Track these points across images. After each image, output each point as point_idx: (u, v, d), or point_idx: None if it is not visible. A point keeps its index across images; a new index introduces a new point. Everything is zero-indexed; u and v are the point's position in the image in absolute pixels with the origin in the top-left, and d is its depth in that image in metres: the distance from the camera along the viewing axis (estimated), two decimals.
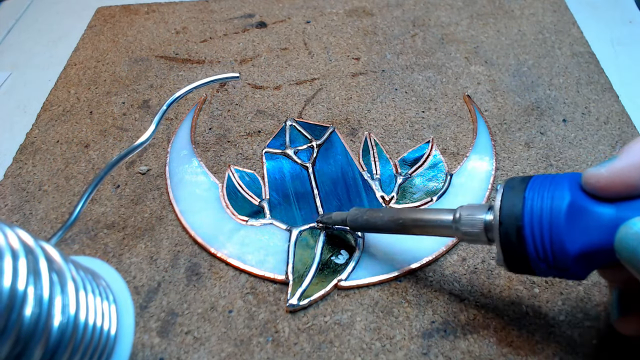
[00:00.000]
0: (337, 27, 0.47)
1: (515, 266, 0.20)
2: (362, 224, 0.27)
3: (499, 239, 0.20)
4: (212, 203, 0.33)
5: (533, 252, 0.19)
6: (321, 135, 0.36)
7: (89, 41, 0.48)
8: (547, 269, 0.19)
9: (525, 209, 0.19)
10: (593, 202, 0.18)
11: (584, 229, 0.18)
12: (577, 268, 0.18)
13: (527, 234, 0.19)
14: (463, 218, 0.22)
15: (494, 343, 0.25)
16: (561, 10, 0.46)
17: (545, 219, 0.18)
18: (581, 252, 0.18)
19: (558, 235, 0.18)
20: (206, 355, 0.26)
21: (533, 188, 0.19)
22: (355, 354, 0.25)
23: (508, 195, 0.20)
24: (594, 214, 0.18)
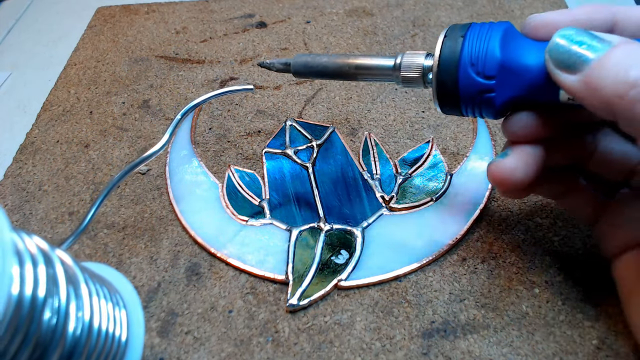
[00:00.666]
0: (337, 27, 0.47)
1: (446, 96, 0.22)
2: (303, 63, 0.27)
3: (437, 71, 0.21)
4: (212, 203, 0.33)
5: (467, 57, 0.21)
6: (321, 135, 0.37)
7: (89, 41, 0.48)
8: (474, 77, 0.20)
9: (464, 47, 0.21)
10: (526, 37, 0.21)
11: (515, 46, 0.20)
12: (500, 83, 0.20)
13: (465, 45, 0.21)
14: (404, 62, 0.23)
15: (494, 343, 0.25)
16: None
17: (484, 33, 0.21)
18: (508, 58, 0.20)
19: (493, 42, 0.20)
20: (206, 355, 0.26)
21: (472, 31, 0.21)
22: (355, 354, 0.25)
23: (451, 28, 0.22)
24: (526, 39, 0.21)
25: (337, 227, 0.30)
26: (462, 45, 0.21)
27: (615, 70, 0.17)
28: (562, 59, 0.19)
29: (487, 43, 0.20)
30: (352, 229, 0.30)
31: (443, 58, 0.21)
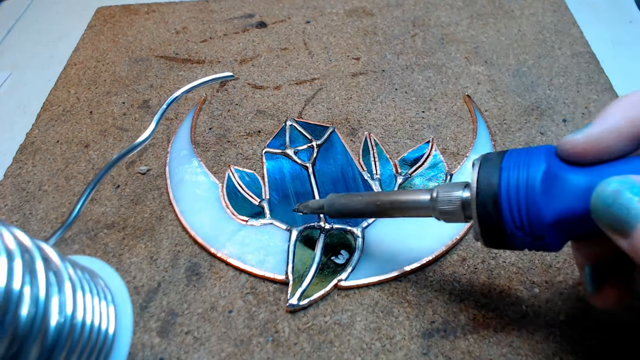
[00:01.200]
0: (337, 27, 0.47)
1: (493, 239, 0.20)
2: (339, 208, 0.26)
3: (476, 210, 0.20)
4: (212, 203, 0.33)
5: (510, 220, 0.19)
6: (321, 135, 0.37)
7: (89, 41, 0.48)
8: (523, 237, 0.19)
9: (501, 179, 0.19)
10: (569, 168, 0.18)
11: (559, 195, 0.18)
12: (553, 236, 0.18)
13: (503, 202, 0.19)
14: (440, 197, 0.22)
15: (494, 343, 0.25)
16: (561, 10, 0.46)
17: (521, 187, 0.18)
18: (557, 217, 0.18)
19: (534, 202, 0.18)
20: (206, 355, 0.26)
21: (509, 160, 0.19)
22: (355, 354, 0.25)
23: (484, 168, 0.20)
24: (569, 180, 0.18)
25: (337, 227, 0.30)
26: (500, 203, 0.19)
27: None
28: (607, 222, 0.17)
29: (528, 198, 0.18)
30: (352, 229, 0.30)
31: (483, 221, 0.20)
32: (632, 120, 0.18)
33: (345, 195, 0.26)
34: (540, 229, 0.18)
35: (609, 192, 0.16)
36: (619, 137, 0.18)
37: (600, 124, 0.18)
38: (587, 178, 0.18)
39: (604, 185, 0.17)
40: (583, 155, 0.18)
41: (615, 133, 0.18)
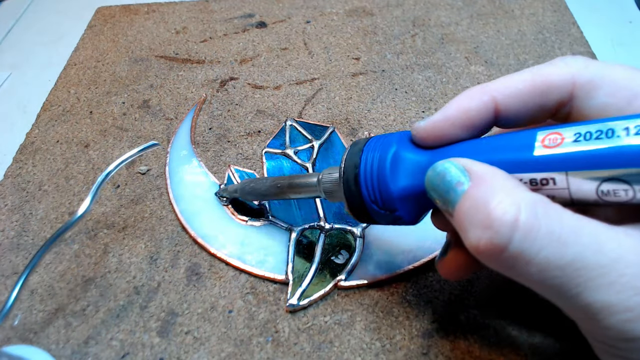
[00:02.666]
0: (337, 27, 0.47)
1: (358, 212, 0.22)
2: (249, 191, 0.29)
3: (342, 187, 0.22)
4: (212, 203, 0.33)
5: (367, 195, 0.21)
6: (321, 135, 0.37)
7: (89, 41, 0.48)
8: (379, 210, 0.21)
9: (361, 160, 0.21)
10: (415, 150, 0.21)
11: (404, 173, 0.20)
12: (403, 209, 0.21)
13: (361, 180, 0.21)
14: (323, 178, 0.25)
15: (494, 343, 0.25)
16: (561, 10, 0.46)
17: (374, 166, 0.21)
18: (402, 192, 0.20)
19: (384, 178, 0.20)
20: (206, 355, 0.26)
21: (370, 144, 0.22)
22: (355, 354, 0.25)
23: (351, 151, 0.22)
24: (412, 161, 0.20)
25: (337, 227, 0.30)
26: (359, 180, 0.21)
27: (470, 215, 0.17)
28: (437, 202, 0.19)
29: (379, 176, 0.21)
30: (352, 228, 0.30)
31: (347, 196, 0.22)
32: (466, 110, 0.20)
33: (255, 180, 0.30)
34: (390, 202, 0.21)
35: (435, 173, 0.18)
36: (453, 126, 0.20)
37: (440, 113, 0.20)
38: (425, 158, 0.20)
39: (433, 167, 0.19)
40: (425, 140, 0.20)
41: (449, 122, 0.20)
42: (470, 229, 0.16)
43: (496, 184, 0.16)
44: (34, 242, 0.32)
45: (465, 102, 0.20)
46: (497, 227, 0.15)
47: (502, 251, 0.15)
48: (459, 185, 0.17)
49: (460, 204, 0.17)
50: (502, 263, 0.16)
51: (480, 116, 0.20)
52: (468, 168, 0.18)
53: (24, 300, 0.29)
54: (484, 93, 0.20)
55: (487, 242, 0.16)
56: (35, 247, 0.31)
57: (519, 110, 0.20)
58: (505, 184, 0.16)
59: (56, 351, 0.26)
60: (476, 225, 0.16)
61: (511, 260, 0.16)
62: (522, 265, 0.16)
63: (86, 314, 0.28)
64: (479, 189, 0.17)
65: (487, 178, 0.17)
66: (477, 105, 0.20)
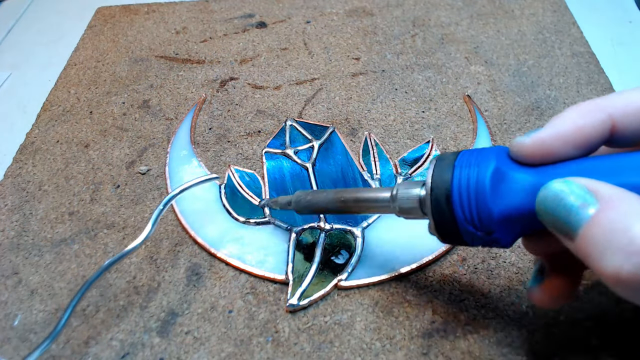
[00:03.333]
0: (337, 27, 0.47)
1: (447, 234, 0.21)
2: (305, 205, 0.27)
3: (430, 206, 0.21)
4: (212, 203, 0.33)
5: (461, 215, 0.19)
6: (321, 135, 0.37)
7: (89, 41, 0.48)
8: (474, 232, 0.20)
9: (454, 177, 0.20)
10: (517, 168, 0.19)
11: (507, 192, 0.19)
12: (502, 232, 0.19)
13: (455, 199, 0.19)
14: (399, 194, 0.23)
15: (494, 343, 0.25)
16: (561, 10, 0.46)
17: (471, 184, 0.19)
18: (504, 214, 0.19)
19: (483, 198, 0.19)
20: (206, 355, 0.26)
21: (462, 159, 0.20)
22: (355, 354, 0.25)
23: (439, 167, 0.21)
24: (516, 179, 0.19)
25: (337, 227, 0.30)
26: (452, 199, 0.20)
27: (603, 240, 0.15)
28: (552, 224, 0.17)
29: (478, 195, 0.19)
30: (352, 228, 0.30)
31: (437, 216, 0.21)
32: (580, 128, 0.18)
33: (312, 192, 0.27)
34: (489, 224, 0.19)
35: (552, 194, 0.17)
36: (565, 144, 0.18)
37: (549, 129, 0.19)
38: (533, 177, 0.18)
39: (547, 187, 0.17)
40: (530, 158, 0.19)
41: (561, 139, 0.18)
42: (606, 257, 0.15)
43: (632, 208, 0.15)
44: (34, 242, 0.32)
45: (579, 120, 0.18)
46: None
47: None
48: (583, 207, 0.16)
49: (587, 228, 0.16)
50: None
51: (596, 135, 0.18)
52: (593, 189, 0.16)
53: (24, 300, 0.29)
54: (600, 110, 0.18)
55: (632, 270, 0.14)
56: (35, 247, 0.31)
57: (637, 130, 0.18)
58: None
59: (56, 351, 0.26)
60: (614, 252, 0.15)
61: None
62: None
63: (86, 314, 0.28)
64: (611, 213, 0.15)
65: (619, 200, 0.15)
66: (593, 123, 0.18)
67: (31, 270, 0.30)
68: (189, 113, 0.39)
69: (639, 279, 0.14)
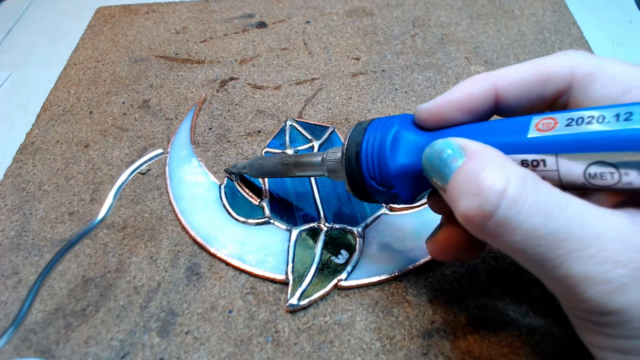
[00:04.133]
0: (337, 27, 0.47)
1: (357, 189, 0.23)
2: (257, 167, 0.30)
3: (344, 164, 0.23)
4: (212, 203, 0.33)
5: (366, 172, 0.22)
6: (321, 135, 0.37)
7: (89, 41, 0.48)
8: (377, 187, 0.22)
9: (364, 139, 0.22)
10: (415, 131, 0.22)
11: (404, 151, 0.21)
12: (401, 187, 0.22)
13: (362, 157, 0.22)
14: (327, 157, 0.25)
15: (494, 343, 0.25)
16: (561, 10, 0.46)
17: (376, 145, 0.22)
18: (399, 169, 0.21)
19: (383, 156, 0.21)
20: (206, 355, 0.26)
21: (373, 124, 0.23)
22: (355, 354, 0.25)
23: (355, 130, 0.23)
24: (412, 140, 0.21)
25: (337, 227, 0.30)
26: (360, 157, 0.22)
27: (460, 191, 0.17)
28: (432, 178, 0.19)
29: (380, 153, 0.21)
30: (352, 228, 0.30)
31: (349, 173, 0.23)
32: (467, 95, 0.20)
33: (264, 157, 0.31)
34: (388, 179, 0.21)
35: (433, 151, 0.19)
36: (455, 109, 0.21)
37: (443, 96, 0.21)
38: (425, 139, 0.21)
39: (431, 145, 0.19)
40: (426, 121, 0.21)
41: (452, 105, 0.21)
42: (461, 199, 0.17)
43: (489, 158, 0.17)
44: (34, 242, 0.32)
45: (467, 87, 0.21)
46: (486, 195, 0.16)
47: (489, 217, 0.16)
48: (454, 161, 0.18)
49: (453, 178, 0.18)
50: (488, 231, 0.16)
51: (481, 101, 0.20)
52: (464, 146, 0.18)
53: (24, 300, 0.29)
54: (486, 80, 0.21)
55: (476, 208, 0.16)
56: (35, 247, 0.31)
57: (518, 98, 0.20)
58: (498, 159, 0.17)
59: (56, 351, 0.26)
60: (466, 194, 0.17)
61: (497, 228, 0.16)
62: (508, 233, 0.16)
63: (86, 314, 0.28)
64: (472, 163, 0.17)
65: (481, 153, 0.17)
66: (479, 91, 0.20)
67: (31, 270, 0.30)
68: (189, 113, 0.39)
69: (482, 217, 0.16)
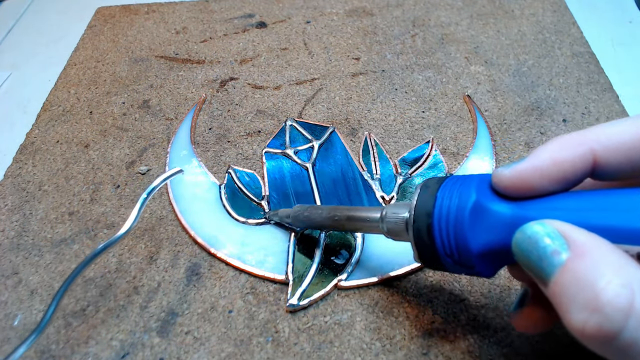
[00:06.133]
0: (337, 27, 0.47)
1: (429, 262, 0.21)
2: (303, 220, 0.28)
3: (412, 235, 0.21)
4: (212, 203, 0.33)
5: (441, 248, 0.19)
6: (321, 135, 0.37)
7: (89, 41, 0.48)
8: (454, 265, 0.19)
9: (435, 207, 0.19)
10: (497, 201, 0.18)
11: (486, 227, 0.18)
12: (482, 265, 0.19)
13: (435, 230, 0.19)
14: (388, 216, 0.23)
15: (494, 343, 0.25)
16: (561, 10, 0.46)
17: (451, 217, 0.19)
18: (483, 249, 0.18)
19: (462, 233, 0.18)
20: (206, 355, 0.26)
21: (445, 187, 0.20)
22: (355, 354, 0.25)
23: (423, 194, 0.20)
24: (495, 213, 0.18)
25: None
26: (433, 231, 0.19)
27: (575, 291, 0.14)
28: (527, 268, 0.17)
29: (457, 229, 0.18)
30: None
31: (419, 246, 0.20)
32: (559, 162, 0.18)
33: (309, 208, 0.28)
34: (467, 259, 0.19)
35: (527, 237, 0.16)
36: (543, 178, 0.18)
37: (527, 162, 0.18)
38: (512, 212, 0.18)
39: (523, 229, 0.17)
40: (510, 190, 0.18)
41: (539, 173, 0.18)
42: (573, 309, 0.14)
43: (602, 259, 0.14)
44: (34, 242, 0.32)
45: (559, 154, 0.18)
46: (608, 312, 0.13)
47: (613, 339, 0.14)
48: (555, 254, 0.15)
49: (557, 277, 0.15)
50: (611, 351, 0.14)
51: (576, 169, 0.17)
52: (566, 235, 0.15)
53: (24, 300, 0.29)
54: (581, 144, 0.17)
55: (596, 327, 0.14)
56: (35, 247, 0.31)
57: (620, 165, 0.17)
58: (613, 259, 0.14)
59: (56, 351, 0.26)
60: (580, 306, 0.14)
61: (623, 349, 0.14)
62: (636, 355, 0.14)
63: (86, 314, 0.28)
64: (581, 263, 0.15)
65: (591, 250, 0.15)
66: (573, 158, 0.17)
67: (31, 270, 0.30)
68: (189, 113, 0.39)
69: (603, 335, 0.14)
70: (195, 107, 0.40)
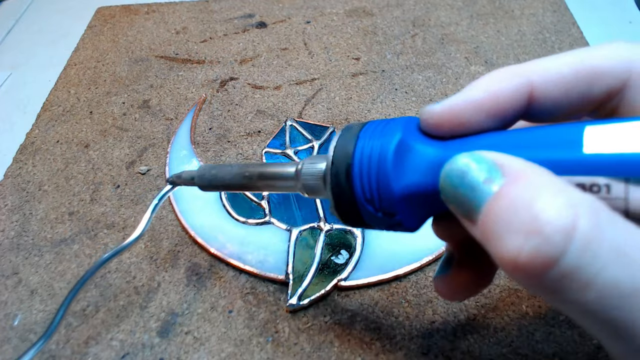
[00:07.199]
0: (337, 27, 0.47)
1: (346, 213, 0.18)
2: (210, 179, 0.24)
3: (329, 180, 0.18)
4: (212, 203, 0.33)
5: (360, 193, 0.17)
6: (321, 135, 0.37)
7: (89, 41, 0.48)
8: (374, 212, 0.17)
9: (356, 149, 0.17)
10: (425, 140, 0.17)
11: (411, 167, 0.16)
12: (405, 213, 0.17)
13: (355, 173, 0.17)
14: (304, 169, 0.20)
15: (494, 343, 0.25)
16: (561, 10, 0.46)
17: (373, 157, 0.17)
18: (407, 192, 0.16)
19: (384, 173, 0.16)
20: (206, 355, 0.26)
21: (368, 129, 0.18)
22: (355, 354, 0.25)
23: (343, 138, 0.18)
24: (421, 153, 0.16)
25: (337, 227, 0.30)
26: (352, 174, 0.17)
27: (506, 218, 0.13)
28: (455, 205, 0.15)
29: (379, 169, 0.16)
30: (352, 229, 0.30)
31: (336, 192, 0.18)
32: (495, 93, 0.16)
33: (218, 166, 0.24)
34: (390, 204, 0.17)
35: (457, 169, 0.14)
36: (477, 111, 0.16)
37: (461, 95, 0.16)
38: (440, 151, 0.16)
39: (452, 161, 0.15)
40: (440, 127, 0.16)
41: (473, 106, 0.16)
42: (506, 236, 0.12)
43: (542, 182, 0.13)
44: (34, 242, 0.32)
45: (494, 84, 0.16)
46: (548, 233, 0.12)
47: (551, 266, 0.12)
48: (487, 182, 0.14)
49: (489, 206, 0.13)
50: (547, 282, 0.12)
51: (512, 102, 0.16)
52: (500, 162, 0.14)
53: (24, 301, 0.29)
54: (518, 75, 0.16)
55: (532, 251, 0.12)
56: (35, 247, 0.31)
57: (557, 100, 0.16)
58: (554, 182, 0.13)
59: (56, 351, 0.26)
60: (516, 230, 0.12)
61: (560, 280, 0.12)
62: (576, 288, 0.12)
63: (86, 314, 0.28)
64: (517, 187, 0.13)
65: (528, 174, 0.13)
66: (510, 89, 0.16)
67: (31, 270, 0.30)
68: (189, 113, 0.39)
69: (540, 261, 0.12)
70: (195, 107, 0.40)
